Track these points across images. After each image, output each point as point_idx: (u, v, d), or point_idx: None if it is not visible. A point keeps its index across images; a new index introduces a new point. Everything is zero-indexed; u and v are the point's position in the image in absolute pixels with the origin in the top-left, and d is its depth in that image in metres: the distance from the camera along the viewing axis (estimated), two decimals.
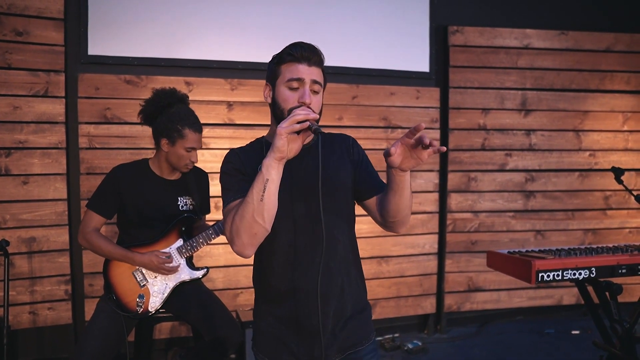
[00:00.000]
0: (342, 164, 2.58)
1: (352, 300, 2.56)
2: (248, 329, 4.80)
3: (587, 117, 6.57)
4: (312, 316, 2.45)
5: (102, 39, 5.23)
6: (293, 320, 2.51)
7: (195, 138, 3.89)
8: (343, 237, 2.54)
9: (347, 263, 2.56)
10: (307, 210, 2.46)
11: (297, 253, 2.48)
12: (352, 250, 2.61)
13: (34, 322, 5.08)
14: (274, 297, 2.59)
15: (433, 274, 6.32)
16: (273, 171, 2.22)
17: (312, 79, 2.41)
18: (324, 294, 2.44)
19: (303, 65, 2.41)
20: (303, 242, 2.46)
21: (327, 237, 2.38)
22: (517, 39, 6.37)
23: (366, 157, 2.66)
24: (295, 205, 2.47)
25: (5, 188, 4.95)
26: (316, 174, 2.41)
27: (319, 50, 2.47)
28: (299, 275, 2.47)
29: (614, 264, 3.61)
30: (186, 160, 3.90)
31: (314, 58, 2.43)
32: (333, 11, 5.86)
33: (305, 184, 2.47)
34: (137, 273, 3.88)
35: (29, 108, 4.97)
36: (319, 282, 2.42)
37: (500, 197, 6.41)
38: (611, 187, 6.48)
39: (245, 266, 5.61)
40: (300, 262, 2.47)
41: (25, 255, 5.02)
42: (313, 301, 2.44)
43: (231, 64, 5.58)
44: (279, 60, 2.50)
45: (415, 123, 5.94)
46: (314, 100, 2.40)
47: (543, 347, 5.88)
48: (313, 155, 2.48)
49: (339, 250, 2.51)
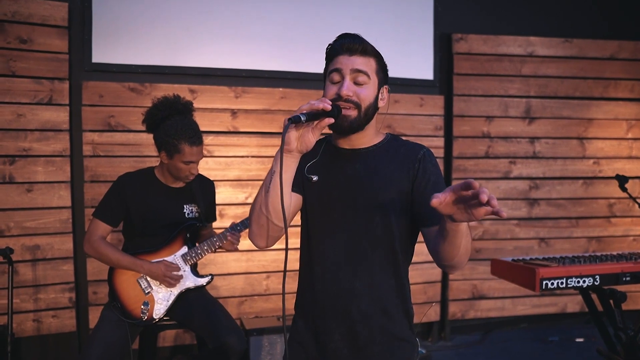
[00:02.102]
0: (397, 177, 2.33)
1: (380, 331, 2.35)
2: (252, 337, 4.81)
3: (591, 125, 6.56)
4: (324, 334, 2.39)
5: (106, 46, 5.24)
6: (311, 333, 2.46)
7: (192, 151, 3.81)
8: (380, 258, 2.34)
9: (381, 289, 2.35)
10: (340, 219, 2.35)
11: (323, 263, 2.39)
12: (394, 276, 2.38)
13: (37, 329, 5.08)
14: (300, 303, 2.54)
15: (437, 282, 6.30)
16: (277, 163, 2.10)
17: (352, 69, 2.24)
18: (340, 314, 2.35)
19: (343, 56, 2.26)
20: (332, 251, 2.36)
21: (355, 252, 2.32)
22: (521, 46, 6.37)
23: (436, 176, 2.34)
24: (332, 211, 2.37)
25: (9, 196, 4.95)
26: (357, 182, 2.34)
27: (362, 39, 2.30)
28: (320, 288, 2.39)
29: (618, 271, 3.62)
30: (186, 172, 3.87)
31: (354, 47, 2.26)
32: (337, 19, 5.87)
33: (342, 189, 2.36)
34: (141, 280, 3.87)
35: (33, 116, 4.98)
36: (337, 301, 2.35)
37: (504, 205, 6.39)
38: (615, 194, 6.45)
39: (250, 274, 5.62)
40: (324, 273, 2.39)
41: (29, 263, 5.02)
42: (329, 319, 2.38)
43: (235, 71, 5.59)
44: (326, 55, 2.36)
45: (420, 131, 6.02)
46: (357, 91, 2.26)
47: (547, 355, 5.86)
48: (367, 160, 2.38)
49: (372, 271, 2.33)
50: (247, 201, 5.58)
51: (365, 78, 2.26)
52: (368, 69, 2.27)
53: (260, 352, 4.96)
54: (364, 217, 2.31)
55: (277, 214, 2.21)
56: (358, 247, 2.32)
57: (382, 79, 2.37)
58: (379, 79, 2.34)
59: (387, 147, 2.40)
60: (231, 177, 5.54)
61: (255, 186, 5.61)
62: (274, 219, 2.23)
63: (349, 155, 2.39)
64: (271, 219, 2.23)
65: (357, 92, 2.24)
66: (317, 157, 2.42)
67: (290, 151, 2.13)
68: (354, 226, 2.32)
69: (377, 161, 2.35)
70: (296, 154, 2.16)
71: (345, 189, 2.34)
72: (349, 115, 2.23)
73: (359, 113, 2.26)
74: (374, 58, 2.31)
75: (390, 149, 2.39)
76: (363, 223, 2.31)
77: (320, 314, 2.40)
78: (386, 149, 2.40)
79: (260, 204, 2.23)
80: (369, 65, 2.28)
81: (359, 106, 2.25)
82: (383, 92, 2.39)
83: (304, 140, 2.12)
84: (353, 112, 2.24)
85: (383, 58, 2.38)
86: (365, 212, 2.31)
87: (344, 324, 2.34)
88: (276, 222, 2.24)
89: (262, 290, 5.70)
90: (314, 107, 2.06)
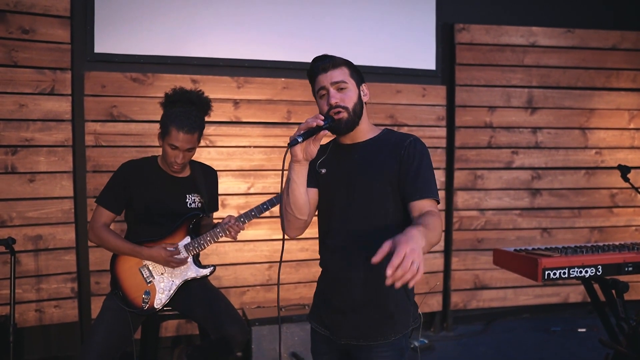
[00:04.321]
0: (387, 162, 2.68)
1: (375, 295, 2.70)
2: (254, 327, 4.81)
3: (593, 115, 6.55)
4: (334, 297, 2.80)
5: (109, 36, 5.24)
6: (324, 297, 2.89)
7: (178, 137, 3.77)
8: (377, 234, 2.49)
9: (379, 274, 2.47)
10: (343, 202, 2.74)
11: (331, 238, 2.80)
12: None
13: (40, 320, 5.09)
14: (320, 274, 2.96)
15: (439, 272, 6.31)
16: (292, 172, 2.60)
17: (332, 81, 2.65)
18: (346, 280, 2.73)
19: (322, 75, 2.67)
20: (336, 229, 2.77)
21: (355, 230, 2.69)
22: (523, 36, 6.36)
23: (420, 159, 2.68)
24: (335, 196, 2.78)
25: (11, 186, 4.96)
26: (354, 171, 2.73)
27: (330, 56, 2.70)
28: (329, 257, 2.83)
29: (621, 261, 3.61)
30: (171, 158, 3.85)
31: (326, 65, 2.67)
32: (339, 9, 5.85)
33: (343, 177, 2.76)
34: (144, 269, 3.89)
35: (35, 106, 4.98)
36: (341, 268, 2.74)
37: (507, 195, 6.40)
38: (617, 185, 6.44)
39: (251, 264, 5.63)
40: (332, 247, 2.79)
41: (32, 253, 5.04)
42: (337, 284, 2.78)
43: (238, 61, 5.59)
44: (309, 79, 2.80)
45: (422, 121, 6.06)
46: (341, 96, 2.65)
47: (549, 345, 5.87)
48: (362, 151, 2.76)
49: (369, 245, 2.40)
50: (249, 191, 5.59)
51: (344, 84, 2.67)
52: (344, 77, 2.68)
53: (262, 342, 4.97)
54: (360, 203, 2.70)
55: (299, 210, 2.69)
56: (358, 232, 2.69)
57: (358, 79, 2.77)
58: (355, 80, 2.74)
59: (381, 139, 2.79)
60: (233, 167, 5.54)
61: (258, 176, 5.62)
62: (297, 214, 2.70)
63: (348, 149, 2.80)
64: (295, 215, 2.71)
65: (342, 97, 2.66)
66: (326, 154, 2.85)
67: (298, 161, 2.57)
68: (353, 212, 2.72)
69: (370, 152, 2.75)
70: (304, 162, 2.58)
71: (344, 178, 2.76)
72: (341, 118, 2.64)
73: (349, 113, 2.66)
74: (345, 66, 2.72)
75: (384, 140, 2.78)
76: (360, 209, 2.70)
77: (329, 279, 2.87)
78: (380, 141, 2.78)
79: (285, 204, 2.70)
80: (343, 74, 2.69)
81: (347, 108, 2.66)
82: (363, 89, 2.79)
83: (307, 151, 2.55)
84: (344, 115, 2.65)
85: (352, 63, 2.77)
86: (361, 199, 2.70)
87: (345, 306, 2.76)
88: (298, 216, 2.71)
89: (264, 280, 5.71)
90: (309, 126, 2.49)
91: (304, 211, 2.71)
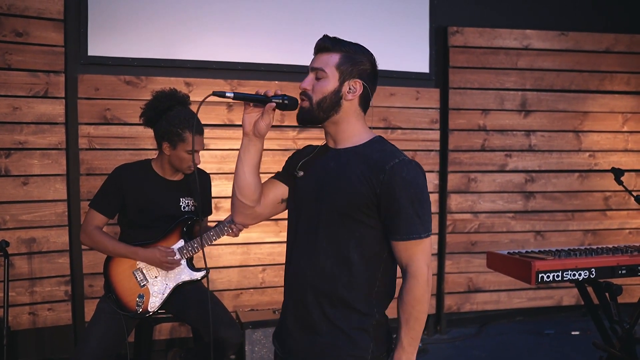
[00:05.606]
0: (355, 183, 2.31)
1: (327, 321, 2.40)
2: (248, 330, 4.81)
3: (586, 118, 6.57)
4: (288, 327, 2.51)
5: (102, 39, 5.23)
6: (283, 320, 2.58)
7: (196, 141, 3.87)
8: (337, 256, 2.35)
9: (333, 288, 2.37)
10: (308, 213, 2.44)
11: (291, 257, 2.54)
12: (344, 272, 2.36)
13: (33, 323, 5.08)
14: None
15: (433, 275, 6.29)
16: (241, 147, 2.46)
17: (312, 66, 2.43)
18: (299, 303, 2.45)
19: (314, 56, 2.47)
20: (298, 249, 2.49)
21: (315, 248, 2.39)
22: (516, 39, 6.37)
23: (402, 189, 2.26)
24: (303, 205, 2.48)
25: (5, 189, 4.95)
26: (325, 180, 2.41)
27: (329, 38, 2.44)
28: (288, 277, 2.56)
29: (614, 264, 3.62)
30: (188, 162, 3.89)
31: (320, 44, 2.44)
32: (332, 12, 5.85)
33: (315, 186, 2.44)
34: (137, 273, 3.88)
35: (29, 109, 4.97)
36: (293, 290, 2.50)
37: (500, 198, 6.41)
38: (611, 187, 6.46)
39: (245, 267, 5.62)
40: (291, 267, 2.53)
41: (25, 256, 5.02)
42: (292, 310, 2.51)
43: (231, 64, 5.58)
44: None
45: (416, 124, 6.05)
46: (316, 86, 2.40)
47: (543, 348, 5.88)
48: (340, 160, 2.42)
49: (325, 270, 2.37)
50: None
51: (323, 73, 2.39)
52: (325, 65, 2.39)
53: (256, 344, 4.97)
54: (326, 213, 2.38)
55: (240, 190, 2.47)
56: (320, 242, 2.38)
57: (348, 72, 2.41)
58: (341, 73, 2.40)
59: (364, 149, 2.42)
60: (227, 170, 5.53)
61: None
62: (238, 195, 2.48)
63: (329, 154, 2.49)
64: (236, 195, 2.49)
65: (313, 85, 2.40)
66: (310, 156, 2.56)
67: (246, 134, 2.41)
68: (317, 221, 2.40)
69: (348, 162, 2.39)
70: (253, 137, 2.42)
71: (316, 186, 2.44)
72: (302, 106, 2.40)
73: (310, 104, 2.38)
74: (338, 53, 2.41)
75: (365, 153, 2.40)
76: (325, 219, 2.38)
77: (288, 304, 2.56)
78: (363, 151, 2.41)
79: (233, 184, 2.49)
80: (328, 62, 2.39)
81: (310, 98, 2.38)
82: (350, 86, 2.42)
83: (256, 126, 2.38)
84: (305, 104, 2.40)
85: (354, 53, 2.45)
86: (328, 209, 2.37)
87: (299, 312, 2.46)
88: (240, 197, 2.48)
89: (257, 283, 5.71)
90: (260, 92, 2.35)
91: (247, 194, 2.46)
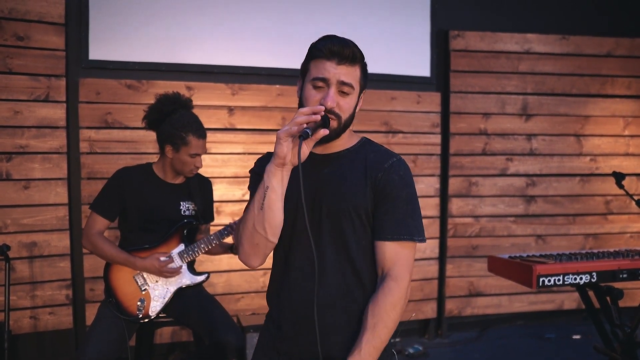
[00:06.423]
0: (358, 185, 2.23)
1: (339, 341, 2.28)
2: (249, 334, 4.80)
3: (588, 122, 6.56)
4: (286, 342, 2.36)
5: (103, 43, 5.23)
6: (275, 341, 2.41)
7: (199, 144, 3.88)
8: (345, 265, 2.25)
9: (342, 298, 2.26)
10: (303, 224, 2.14)
11: (288, 272, 2.34)
12: (357, 283, 2.27)
13: (34, 327, 5.08)
14: (270, 306, 2.51)
15: (434, 279, 6.31)
16: (273, 178, 2.09)
17: (339, 80, 2.15)
18: (301, 321, 2.28)
19: (331, 63, 2.15)
20: (296, 262, 2.30)
21: (321, 259, 2.21)
22: (517, 43, 6.37)
23: (400, 188, 2.24)
24: (298, 219, 2.26)
25: (6, 193, 4.94)
26: (323, 188, 2.26)
27: (351, 45, 2.18)
28: (285, 292, 2.35)
29: (615, 268, 3.62)
30: (191, 166, 3.91)
31: (344, 53, 2.14)
32: (334, 16, 5.86)
33: (309, 197, 2.22)
34: (138, 277, 3.88)
35: (30, 113, 4.97)
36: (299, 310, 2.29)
37: (501, 202, 6.41)
38: (612, 191, 6.46)
39: (246, 271, 5.60)
40: (289, 282, 2.33)
41: (26, 260, 5.02)
42: (292, 328, 2.33)
43: (232, 68, 5.58)
44: (309, 55, 2.25)
45: (417, 128, 6.06)
46: (341, 102, 2.18)
47: (544, 352, 5.87)
48: (335, 165, 2.29)
49: (330, 281, 2.24)
50: (244, 198, 5.57)
51: (350, 89, 2.19)
52: (353, 80, 2.19)
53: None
54: (329, 222, 2.24)
55: (274, 230, 2.17)
56: (324, 254, 2.23)
57: (363, 85, 2.29)
58: (361, 87, 2.27)
59: (357, 152, 2.33)
60: (228, 175, 5.54)
61: None
62: (270, 235, 2.18)
63: (319, 160, 2.31)
64: (267, 237, 2.18)
65: (339, 103, 2.18)
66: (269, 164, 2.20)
67: (284, 164, 2.10)
68: (319, 231, 2.24)
69: (345, 166, 2.28)
70: (289, 167, 2.12)
71: (312, 194, 2.25)
72: (332, 127, 2.16)
73: (338, 124, 2.20)
74: (359, 65, 2.23)
75: (360, 154, 2.32)
76: (328, 229, 2.24)
77: (283, 317, 2.37)
78: (356, 154, 2.32)
79: (254, 223, 2.15)
80: (354, 75, 2.20)
81: (340, 117, 2.19)
82: (361, 98, 2.32)
83: (297, 152, 2.06)
84: (334, 123, 2.18)
85: (366, 62, 2.27)
86: (331, 218, 2.24)
87: (306, 333, 2.23)
88: (272, 239, 2.19)
89: (259, 287, 5.70)
90: (312, 120, 2.03)
91: (278, 232, 2.20)
